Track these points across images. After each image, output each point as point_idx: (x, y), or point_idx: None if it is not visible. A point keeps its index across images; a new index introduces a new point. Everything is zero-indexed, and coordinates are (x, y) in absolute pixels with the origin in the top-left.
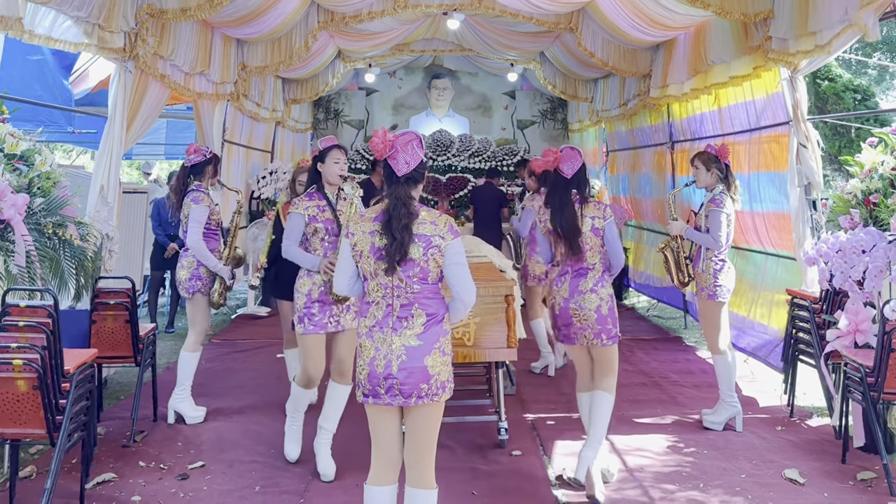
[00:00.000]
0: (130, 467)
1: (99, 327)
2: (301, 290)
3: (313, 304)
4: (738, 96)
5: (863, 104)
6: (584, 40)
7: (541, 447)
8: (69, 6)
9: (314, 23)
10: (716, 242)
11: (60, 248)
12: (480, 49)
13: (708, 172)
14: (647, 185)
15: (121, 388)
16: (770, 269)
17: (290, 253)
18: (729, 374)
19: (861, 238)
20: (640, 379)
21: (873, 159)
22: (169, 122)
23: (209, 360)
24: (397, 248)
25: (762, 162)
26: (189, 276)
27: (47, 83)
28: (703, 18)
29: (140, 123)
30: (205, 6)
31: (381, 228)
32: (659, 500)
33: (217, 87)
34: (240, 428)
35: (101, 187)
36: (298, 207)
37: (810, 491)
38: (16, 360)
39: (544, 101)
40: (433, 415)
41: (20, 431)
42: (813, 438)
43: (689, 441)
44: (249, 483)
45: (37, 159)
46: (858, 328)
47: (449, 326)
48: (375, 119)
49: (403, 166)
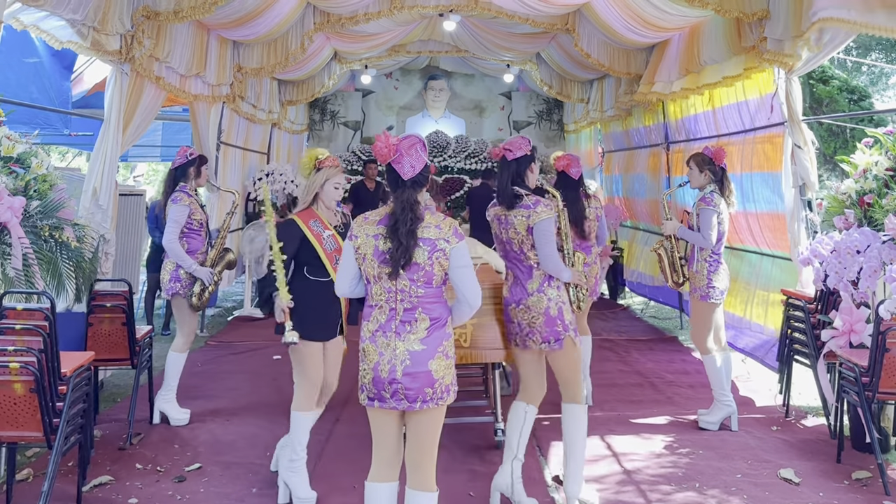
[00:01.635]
0: (127, 470)
1: (95, 330)
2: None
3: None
4: (732, 97)
5: (858, 105)
6: (581, 41)
7: (537, 448)
8: (64, 9)
9: (310, 24)
10: (706, 241)
11: (57, 251)
12: (476, 50)
13: (701, 174)
14: (642, 185)
15: (117, 391)
16: (765, 269)
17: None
18: (719, 374)
19: (855, 238)
20: (636, 379)
21: (867, 160)
22: (165, 125)
23: (205, 363)
24: (402, 252)
25: (755, 162)
26: (169, 278)
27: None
28: (697, 19)
29: (136, 126)
30: (199, 8)
31: (385, 232)
32: (655, 501)
33: (213, 89)
34: (236, 430)
35: (94, 190)
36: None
37: (805, 490)
38: (12, 364)
39: (540, 102)
40: (435, 418)
41: (17, 434)
42: (808, 438)
43: (684, 441)
44: (246, 485)
45: (33, 162)
46: (853, 328)
47: (452, 330)
48: (371, 120)
49: (409, 170)
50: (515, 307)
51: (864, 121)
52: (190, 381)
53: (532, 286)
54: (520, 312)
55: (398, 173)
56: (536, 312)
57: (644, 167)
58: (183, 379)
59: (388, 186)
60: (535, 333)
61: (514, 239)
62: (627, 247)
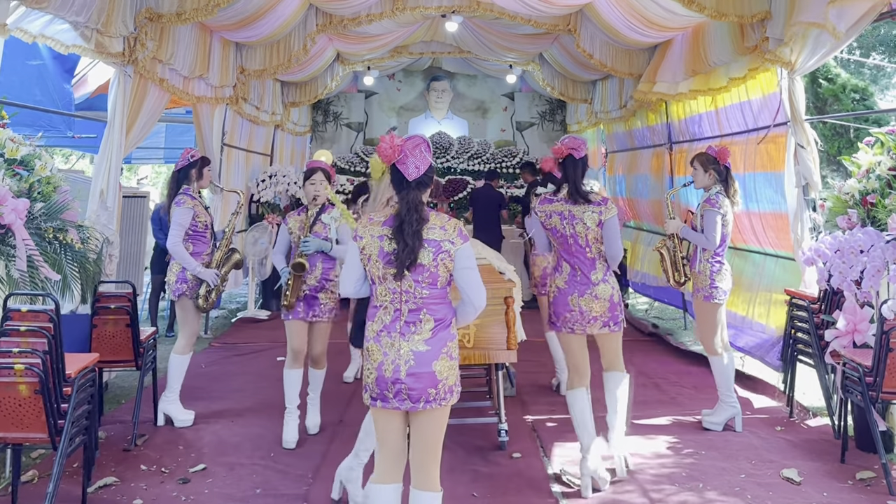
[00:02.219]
0: (132, 471)
1: (100, 332)
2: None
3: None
4: (735, 97)
5: (861, 104)
6: (583, 42)
7: (541, 449)
8: (67, 11)
9: (312, 26)
10: (710, 242)
11: (62, 252)
12: (479, 51)
13: (706, 173)
14: (645, 186)
15: (122, 392)
16: (768, 269)
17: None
18: (726, 375)
19: (859, 238)
20: (640, 380)
21: (870, 159)
22: (168, 126)
23: (209, 364)
24: (408, 253)
25: (758, 162)
26: (175, 279)
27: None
28: (701, 20)
29: (140, 128)
30: (201, 10)
31: (390, 233)
32: (658, 501)
33: (216, 91)
34: (240, 431)
35: (101, 192)
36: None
37: (809, 490)
38: (17, 365)
39: (543, 102)
40: (439, 419)
41: (22, 436)
42: (812, 438)
43: (688, 442)
44: (251, 486)
45: (37, 164)
46: (857, 328)
47: (456, 331)
48: (374, 122)
49: (414, 171)
50: (578, 296)
51: (868, 120)
52: (194, 382)
53: (596, 276)
54: (583, 301)
55: (403, 174)
56: (603, 299)
57: (647, 168)
58: (187, 380)
59: (393, 187)
60: (597, 319)
61: (582, 233)
62: (631, 247)
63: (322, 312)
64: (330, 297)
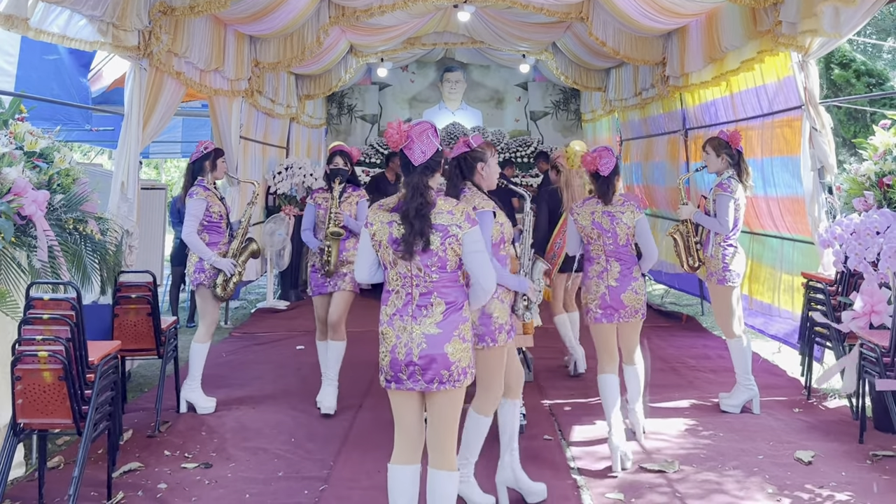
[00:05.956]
0: (156, 457)
1: (121, 321)
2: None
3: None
4: (750, 82)
5: (878, 88)
6: (595, 29)
7: (559, 432)
8: (84, 5)
9: (325, 18)
10: (723, 227)
11: (82, 243)
12: (492, 41)
13: (718, 158)
14: (661, 173)
15: (144, 381)
16: (787, 254)
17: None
18: (744, 358)
19: (875, 220)
20: (658, 365)
21: (886, 141)
22: (185, 120)
23: (230, 353)
24: (416, 236)
25: (775, 147)
26: (194, 269)
27: (64, 82)
28: (713, 5)
29: (156, 121)
30: (214, 3)
31: (399, 218)
32: (676, 481)
33: (232, 84)
34: (261, 417)
35: (121, 184)
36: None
37: (828, 470)
38: (41, 352)
39: (557, 91)
40: (455, 399)
41: (47, 421)
42: (830, 419)
43: (706, 424)
44: (272, 469)
45: (56, 156)
46: (874, 309)
47: (469, 313)
48: (389, 113)
49: (419, 156)
50: (630, 293)
51: (885, 104)
52: (215, 370)
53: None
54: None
55: (409, 159)
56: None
57: (663, 154)
58: (208, 369)
59: (402, 172)
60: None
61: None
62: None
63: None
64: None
